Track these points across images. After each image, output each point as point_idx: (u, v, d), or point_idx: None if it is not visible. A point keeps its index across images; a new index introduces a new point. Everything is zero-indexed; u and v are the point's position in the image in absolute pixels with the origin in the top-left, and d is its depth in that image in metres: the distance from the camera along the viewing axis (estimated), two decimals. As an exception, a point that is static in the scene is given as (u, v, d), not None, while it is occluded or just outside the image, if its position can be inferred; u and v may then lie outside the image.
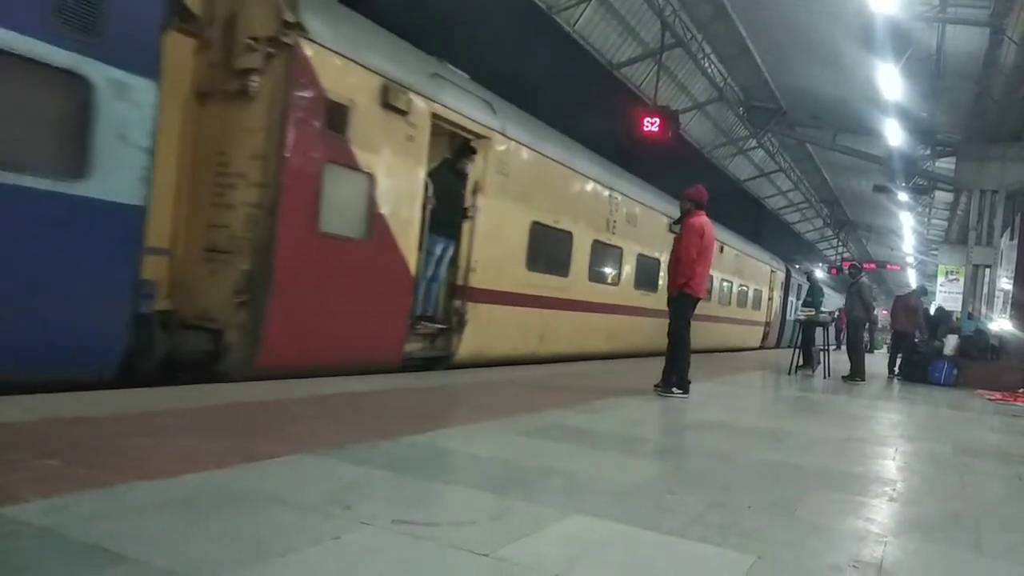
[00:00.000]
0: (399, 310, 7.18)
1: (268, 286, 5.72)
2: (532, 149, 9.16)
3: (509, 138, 8.62)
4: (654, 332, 11.18)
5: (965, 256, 18.00)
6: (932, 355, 13.69)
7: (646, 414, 6.17)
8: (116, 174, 4.63)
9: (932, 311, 16.57)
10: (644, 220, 12.69)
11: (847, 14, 13.17)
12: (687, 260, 7.08)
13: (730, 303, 18.89)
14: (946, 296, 23.88)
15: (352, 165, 6.38)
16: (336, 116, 6.16)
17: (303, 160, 5.88)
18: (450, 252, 8.06)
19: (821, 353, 12.88)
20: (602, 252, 11.42)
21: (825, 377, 12.13)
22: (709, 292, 17.09)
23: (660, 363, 7.39)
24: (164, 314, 5.62)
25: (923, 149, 19.45)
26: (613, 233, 11.65)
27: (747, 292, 20.29)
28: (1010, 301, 17.68)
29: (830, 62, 16.39)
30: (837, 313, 17.34)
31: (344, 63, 6.22)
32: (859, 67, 15.23)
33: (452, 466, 3.47)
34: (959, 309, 17.82)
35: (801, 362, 12.84)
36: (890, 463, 4.87)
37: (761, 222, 33.28)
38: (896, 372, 14.08)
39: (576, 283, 10.65)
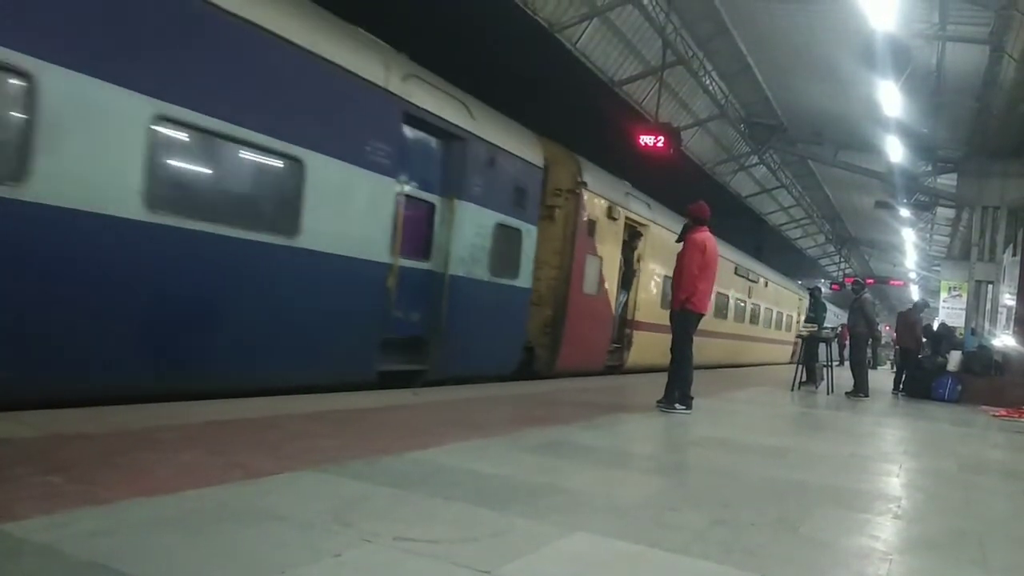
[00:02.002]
0: (606, 335, 12.00)
1: (563, 323, 10.16)
2: (663, 227, 13.59)
3: (656, 223, 13.41)
4: (723, 350, 17.51)
5: (968, 272, 17.95)
6: (936, 371, 13.65)
7: (649, 430, 6.16)
8: (524, 273, 9.32)
9: (936, 326, 16.53)
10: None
11: (847, 32, 13.22)
12: (689, 276, 7.07)
13: (770, 326, 24.05)
14: (949, 312, 23.82)
15: (595, 254, 11.05)
16: (591, 227, 10.78)
17: (579, 254, 10.45)
18: (625, 298, 12.72)
19: (824, 369, 12.84)
20: None
21: (828, 393, 12.08)
22: (756, 318, 21.48)
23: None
24: None
25: (924, 165, 19.44)
26: None
27: (782, 317, 25.55)
28: (1013, 317, 17.63)
29: (831, 79, 16.44)
30: (839, 329, 17.29)
31: (596, 197, 10.89)
32: (860, 84, 15.26)
33: (453, 482, 3.46)
34: (962, 325, 17.75)
35: (804, 378, 12.79)
36: (894, 480, 4.84)
37: (763, 238, 33.25)
38: (900, 388, 14.03)
39: None
